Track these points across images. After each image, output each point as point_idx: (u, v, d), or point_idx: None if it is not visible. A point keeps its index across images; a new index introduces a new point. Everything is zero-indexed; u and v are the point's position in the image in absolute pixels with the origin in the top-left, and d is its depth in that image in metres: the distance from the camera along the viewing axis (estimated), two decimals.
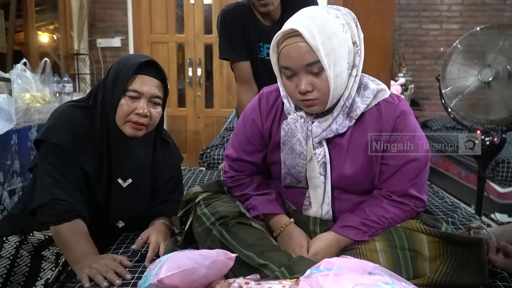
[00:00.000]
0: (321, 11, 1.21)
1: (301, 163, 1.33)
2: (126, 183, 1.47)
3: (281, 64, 1.24)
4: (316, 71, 1.19)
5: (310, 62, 1.17)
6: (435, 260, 1.21)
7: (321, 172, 1.32)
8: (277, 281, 1.04)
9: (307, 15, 1.20)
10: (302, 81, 1.20)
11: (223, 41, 2.19)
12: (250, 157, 1.44)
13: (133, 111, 1.39)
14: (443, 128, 4.97)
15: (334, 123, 1.28)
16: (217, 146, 3.52)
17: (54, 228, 1.34)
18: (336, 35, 1.18)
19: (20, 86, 2.83)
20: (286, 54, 1.20)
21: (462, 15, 5.33)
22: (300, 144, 1.31)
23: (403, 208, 1.30)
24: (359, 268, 0.98)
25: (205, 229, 1.32)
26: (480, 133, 2.64)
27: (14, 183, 2.47)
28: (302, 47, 1.17)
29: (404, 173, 1.30)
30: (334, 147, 1.33)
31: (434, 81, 4.84)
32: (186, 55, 5.26)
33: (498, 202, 3.57)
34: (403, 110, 1.30)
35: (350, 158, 1.31)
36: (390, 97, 1.32)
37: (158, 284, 1.01)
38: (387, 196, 1.31)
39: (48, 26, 4.83)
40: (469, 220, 1.68)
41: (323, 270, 0.96)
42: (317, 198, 1.34)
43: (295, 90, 1.23)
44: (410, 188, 1.30)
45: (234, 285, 1.01)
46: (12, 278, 1.40)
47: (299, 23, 1.18)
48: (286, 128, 1.32)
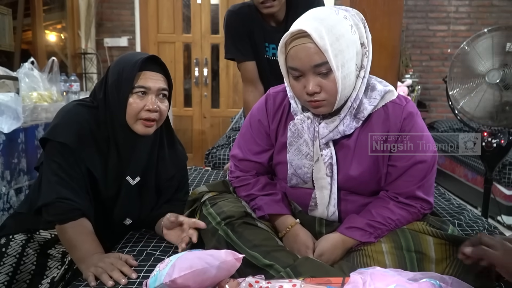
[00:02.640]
0: (330, 12, 1.21)
1: (308, 164, 1.33)
2: (135, 181, 1.48)
3: (289, 64, 1.24)
4: (324, 72, 1.18)
5: (318, 63, 1.17)
6: (441, 262, 1.20)
7: (328, 173, 1.31)
8: (287, 280, 1.05)
9: (316, 16, 1.20)
10: (310, 82, 1.20)
11: (229, 42, 2.19)
12: (256, 158, 1.44)
13: (143, 108, 1.39)
14: (449, 130, 4.94)
15: (341, 124, 1.28)
16: (223, 146, 3.52)
17: (59, 227, 1.35)
18: (344, 36, 1.18)
19: (28, 84, 2.84)
20: (294, 55, 1.20)
21: (469, 16, 5.30)
22: (306, 145, 1.31)
23: (410, 210, 1.30)
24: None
25: (211, 229, 1.33)
26: (487, 135, 2.62)
27: (20, 181, 2.48)
28: (310, 48, 1.17)
29: (411, 175, 1.29)
30: (341, 148, 1.32)
31: (441, 82, 4.83)
32: (192, 55, 5.26)
33: (505, 204, 3.55)
34: (410, 111, 1.30)
35: (357, 160, 1.31)
36: (398, 98, 1.32)
37: (171, 284, 1.01)
38: (394, 198, 1.31)
39: (56, 25, 4.85)
40: (475, 223, 1.67)
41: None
42: (323, 199, 1.34)
43: (302, 91, 1.23)
44: (417, 190, 1.29)
45: (244, 284, 1.01)
46: (18, 276, 1.41)
47: (307, 24, 1.18)
48: (293, 129, 1.32)
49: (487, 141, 2.60)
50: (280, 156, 1.41)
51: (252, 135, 1.45)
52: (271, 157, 1.45)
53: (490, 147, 2.60)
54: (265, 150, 1.44)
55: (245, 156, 1.45)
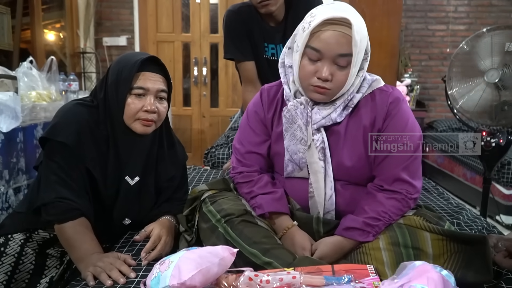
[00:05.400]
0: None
1: (302, 148, 1.36)
2: (133, 181, 1.48)
3: (312, 44, 1.26)
4: (341, 64, 1.25)
5: (344, 54, 1.24)
6: (438, 258, 1.20)
7: (320, 157, 1.34)
8: (286, 272, 1.06)
9: (355, 11, 1.27)
10: (326, 68, 1.25)
11: (228, 41, 2.19)
12: (257, 149, 1.46)
13: (141, 109, 1.39)
14: (448, 129, 4.94)
15: (334, 112, 1.33)
16: (222, 145, 3.52)
17: (58, 227, 1.35)
18: (366, 38, 1.28)
19: (26, 84, 2.84)
20: (325, 38, 1.24)
21: (468, 16, 5.31)
22: (300, 130, 1.35)
23: (397, 197, 1.30)
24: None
25: (211, 226, 1.33)
26: (486, 134, 2.63)
27: (19, 180, 2.48)
28: (344, 37, 1.23)
29: (394, 156, 1.32)
30: (332, 134, 1.36)
31: (440, 82, 4.84)
32: (191, 54, 5.26)
33: (504, 204, 3.56)
34: (397, 96, 1.35)
35: (348, 146, 1.35)
36: (384, 86, 1.38)
37: (180, 286, 1.01)
38: (379, 188, 1.32)
39: (55, 24, 4.84)
40: (474, 222, 1.68)
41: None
42: (319, 183, 1.35)
43: (312, 74, 1.28)
44: (402, 172, 1.31)
45: (243, 278, 1.02)
46: (17, 276, 1.41)
47: (351, 15, 1.24)
48: (288, 115, 1.36)
49: (486, 140, 2.60)
50: (276, 146, 1.43)
51: (251, 127, 1.48)
52: (269, 149, 1.47)
53: (489, 146, 2.60)
54: (264, 140, 1.46)
55: (247, 149, 1.47)
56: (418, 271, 0.97)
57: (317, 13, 1.25)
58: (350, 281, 1.04)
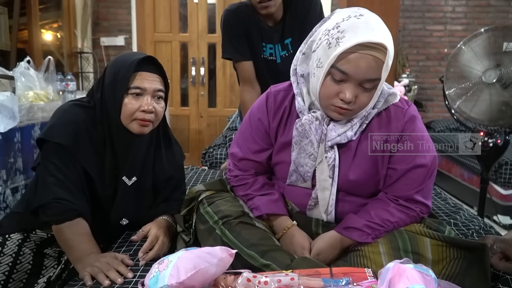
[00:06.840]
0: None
1: (310, 163, 1.32)
2: (131, 181, 1.48)
3: (339, 66, 1.16)
4: (367, 87, 1.18)
5: (372, 78, 1.16)
6: (437, 263, 1.20)
7: (330, 175, 1.31)
8: (284, 273, 1.06)
9: (386, 28, 1.18)
10: (351, 90, 1.17)
11: (226, 41, 2.19)
12: (256, 157, 1.43)
13: (138, 109, 1.39)
14: (446, 130, 4.95)
15: (350, 130, 1.28)
16: (220, 145, 3.52)
17: (56, 227, 1.34)
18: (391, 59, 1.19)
19: (24, 84, 2.84)
20: (355, 61, 1.14)
21: (466, 16, 5.32)
22: (312, 146, 1.30)
23: (409, 214, 1.30)
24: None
25: (208, 228, 1.32)
26: (483, 134, 2.63)
27: (17, 180, 2.48)
28: (376, 61, 1.14)
29: (410, 178, 1.29)
30: (343, 151, 1.32)
31: (437, 82, 4.85)
32: (189, 55, 5.26)
33: (501, 204, 3.57)
34: (412, 115, 1.30)
35: (357, 162, 1.31)
36: (400, 102, 1.32)
37: (179, 286, 1.01)
38: (394, 200, 1.30)
39: (52, 24, 4.84)
40: (471, 222, 1.68)
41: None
42: (324, 200, 1.34)
43: (335, 95, 1.20)
44: (416, 194, 1.29)
45: (242, 279, 1.02)
46: (15, 276, 1.41)
47: (388, 38, 1.15)
48: (300, 129, 1.30)
49: (483, 140, 2.61)
50: (280, 156, 1.40)
51: (252, 134, 1.43)
52: (270, 156, 1.44)
53: (486, 146, 2.61)
54: (265, 149, 1.43)
55: (244, 155, 1.44)
56: (395, 273, 0.96)
57: (348, 30, 1.14)
58: (348, 284, 1.04)
